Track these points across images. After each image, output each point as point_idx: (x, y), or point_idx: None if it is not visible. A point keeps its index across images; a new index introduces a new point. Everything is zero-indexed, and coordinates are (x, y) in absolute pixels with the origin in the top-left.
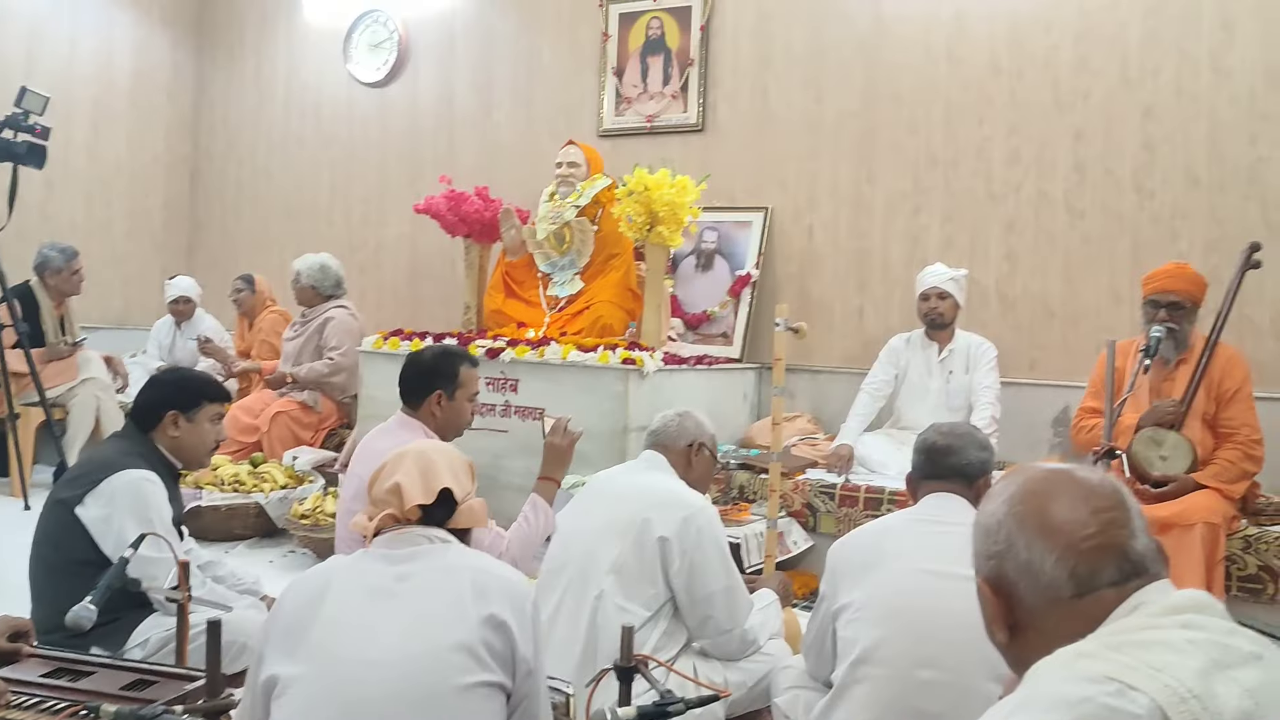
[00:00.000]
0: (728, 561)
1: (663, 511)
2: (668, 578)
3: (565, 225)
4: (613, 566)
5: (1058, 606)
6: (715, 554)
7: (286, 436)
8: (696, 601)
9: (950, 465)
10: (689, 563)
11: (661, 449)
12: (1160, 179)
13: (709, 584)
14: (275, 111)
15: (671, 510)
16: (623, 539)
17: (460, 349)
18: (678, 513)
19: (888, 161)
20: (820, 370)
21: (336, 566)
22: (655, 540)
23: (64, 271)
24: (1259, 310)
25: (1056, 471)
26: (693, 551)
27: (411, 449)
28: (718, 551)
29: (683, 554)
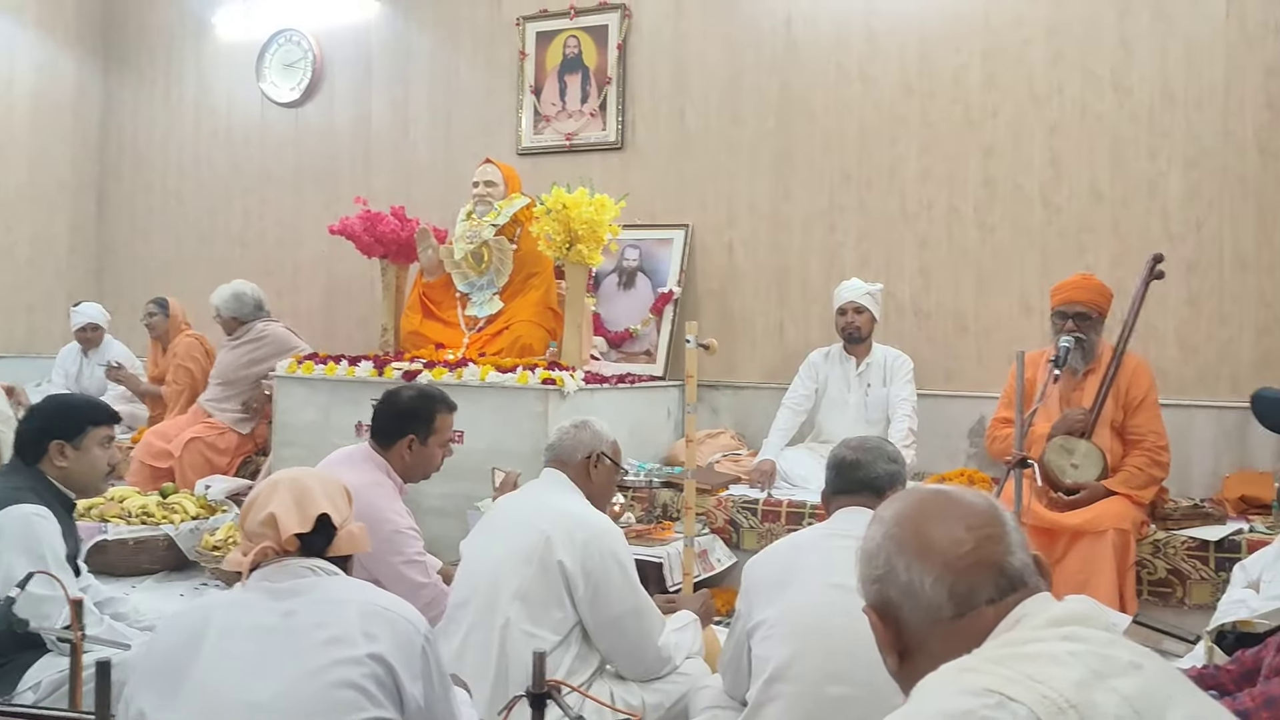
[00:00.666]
0: (633, 582)
1: (564, 534)
2: (573, 601)
3: (483, 244)
4: (517, 593)
5: (940, 627)
6: (619, 575)
7: (200, 464)
8: (604, 624)
9: (858, 479)
10: (593, 586)
11: (560, 465)
12: (1066, 194)
13: (615, 606)
14: (185, 133)
15: (573, 533)
16: (526, 565)
17: (440, 392)
18: (579, 535)
19: (804, 180)
20: (743, 386)
21: (216, 603)
22: (556, 564)
23: None
24: (1163, 320)
25: (933, 493)
26: (596, 574)
27: (284, 476)
28: (622, 573)
29: (586, 577)
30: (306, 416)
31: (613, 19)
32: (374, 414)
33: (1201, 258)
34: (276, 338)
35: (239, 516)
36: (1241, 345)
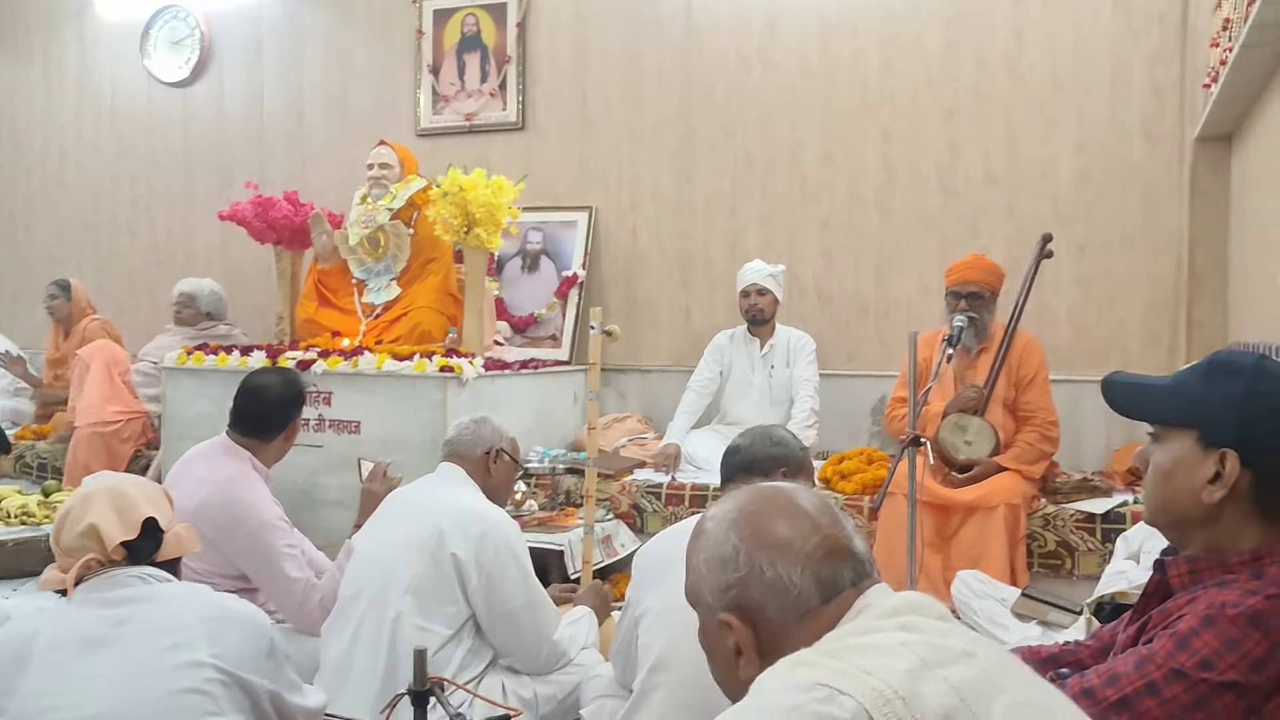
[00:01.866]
0: (528, 576)
1: (458, 528)
2: (466, 595)
3: (379, 229)
4: (409, 587)
5: (807, 618)
6: (514, 570)
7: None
8: (497, 619)
9: (738, 463)
10: (486, 579)
11: (458, 459)
12: (963, 178)
13: (509, 601)
14: (67, 115)
15: (467, 526)
16: (419, 557)
17: (301, 382)
18: (474, 529)
19: (706, 163)
20: (649, 370)
21: (42, 622)
22: (450, 557)
23: None
24: (1055, 299)
25: (765, 490)
26: (490, 568)
27: (97, 486)
28: (517, 567)
29: (480, 570)
30: (198, 409)
31: None
32: (244, 405)
33: (1092, 239)
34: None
35: (53, 533)
36: (1130, 324)
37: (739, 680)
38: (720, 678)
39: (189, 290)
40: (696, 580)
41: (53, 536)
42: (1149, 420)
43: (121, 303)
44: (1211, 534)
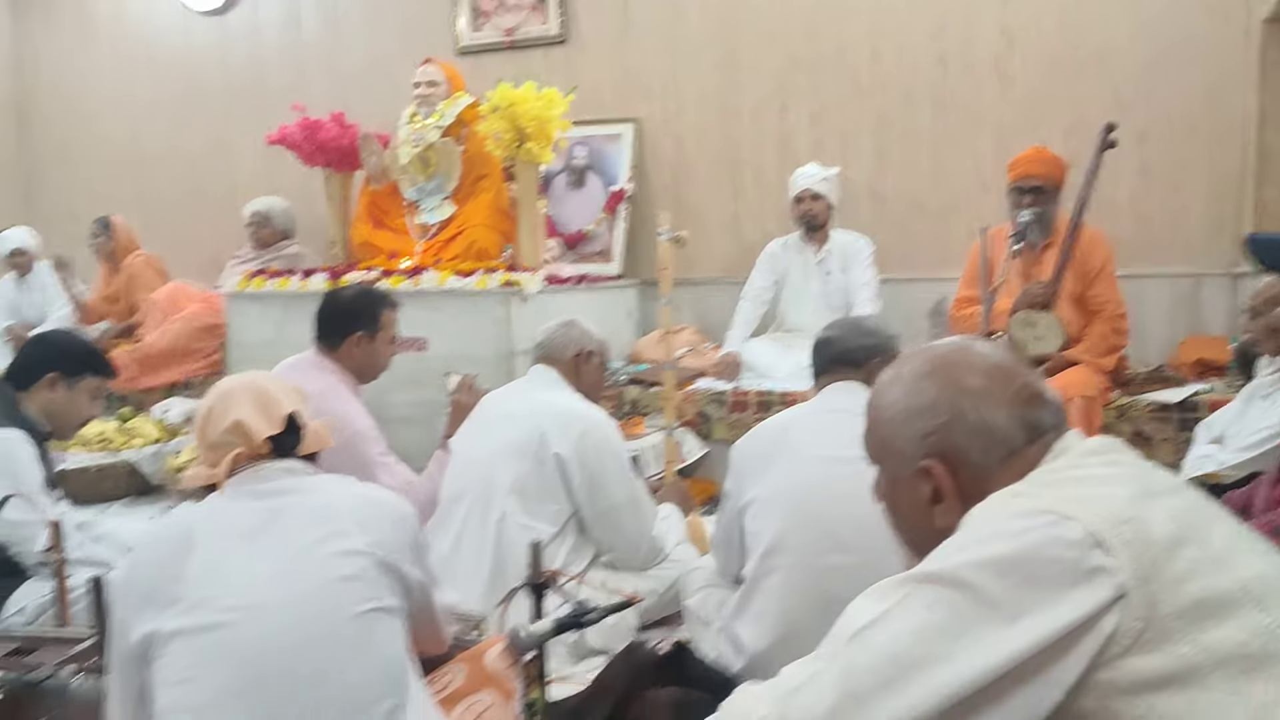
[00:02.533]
0: (628, 473)
1: (559, 428)
2: (570, 492)
3: (429, 147)
4: (513, 487)
5: (1011, 459)
6: (615, 466)
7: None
8: (600, 514)
9: (833, 355)
10: (589, 477)
11: (549, 362)
12: (1019, 67)
13: (611, 496)
14: (102, 51)
15: (568, 426)
16: (522, 459)
17: (379, 290)
18: (575, 427)
19: (752, 66)
20: (701, 281)
21: (197, 514)
22: (553, 457)
23: None
24: (1117, 190)
25: (953, 344)
26: (592, 465)
27: (233, 385)
28: (617, 464)
29: (582, 468)
30: (261, 334)
31: None
32: (317, 317)
33: (1153, 126)
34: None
35: (196, 430)
36: (1192, 213)
37: (934, 528)
38: (907, 530)
39: (263, 209)
40: (887, 433)
41: (197, 433)
42: None
43: (167, 235)
44: None
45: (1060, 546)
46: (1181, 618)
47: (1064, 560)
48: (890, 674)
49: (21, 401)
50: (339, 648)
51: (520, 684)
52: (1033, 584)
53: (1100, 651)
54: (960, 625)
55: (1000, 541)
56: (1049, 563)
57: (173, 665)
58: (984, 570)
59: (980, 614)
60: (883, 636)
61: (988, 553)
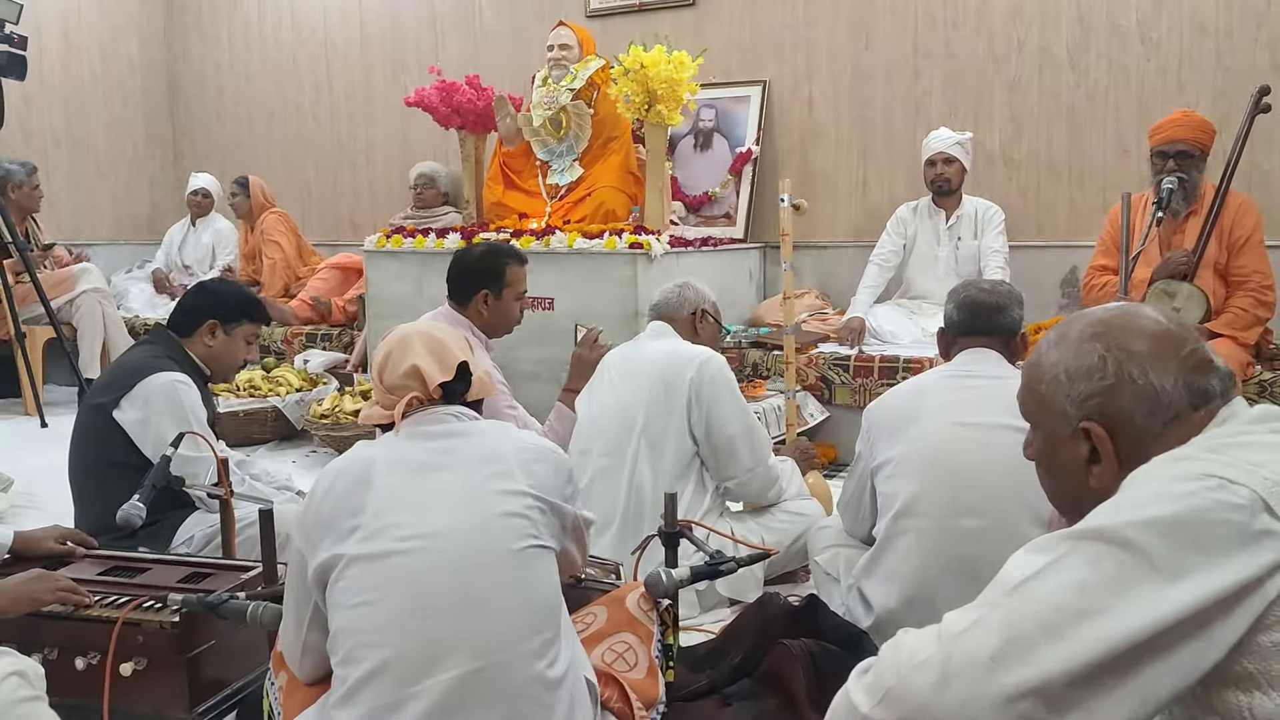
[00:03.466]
0: (742, 404)
1: (680, 362)
2: (690, 425)
3: (561, 110)
4: (643, 429)
5: (1175, 423)
6: (730, 397)
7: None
8: (717, 446)
9: (997, 322)
10: (706, 407)
11: (667, 319)
12: (1166, 28)
13: (727, 426)
14: (250, 9)
15: (687, 359)
16: (649, 397)
17: (509, 246)
18: (694, 359)
19: (885, 25)
20: (826, 246)
21: (375, 451)
22: (685, 384)
23: (25, 186)
24: (1269, 157)
25: (1121, 307)
26: (708, 395)
27: (409, 332)
28: (732, 394)
29: (700, 397)
30: (398, 289)
31: None
32: (448, 274)
33: None
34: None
35: (374, 373)
36: None
37: (1090, 489)
38: (1062, 489)
39: (428, 172)
40: (1049, 392)
41: (374, 375)
42: None
43: (309, 189)
44: None
45: (1226, 510)
46: None
47: (1230, 523)
48: (1053, 622)
49: (185, 346)
50: (503, 578)
51: (658, 628)
52: (1197, 546)
53: (1264, 614)
54: (1123, 581)
55: (1165, 503)
56: (1214, 524)
57: (350, 589)
58: (1148, 529)
59: (1143, 572)
60: (1046, 588)
61: (1152, 513)
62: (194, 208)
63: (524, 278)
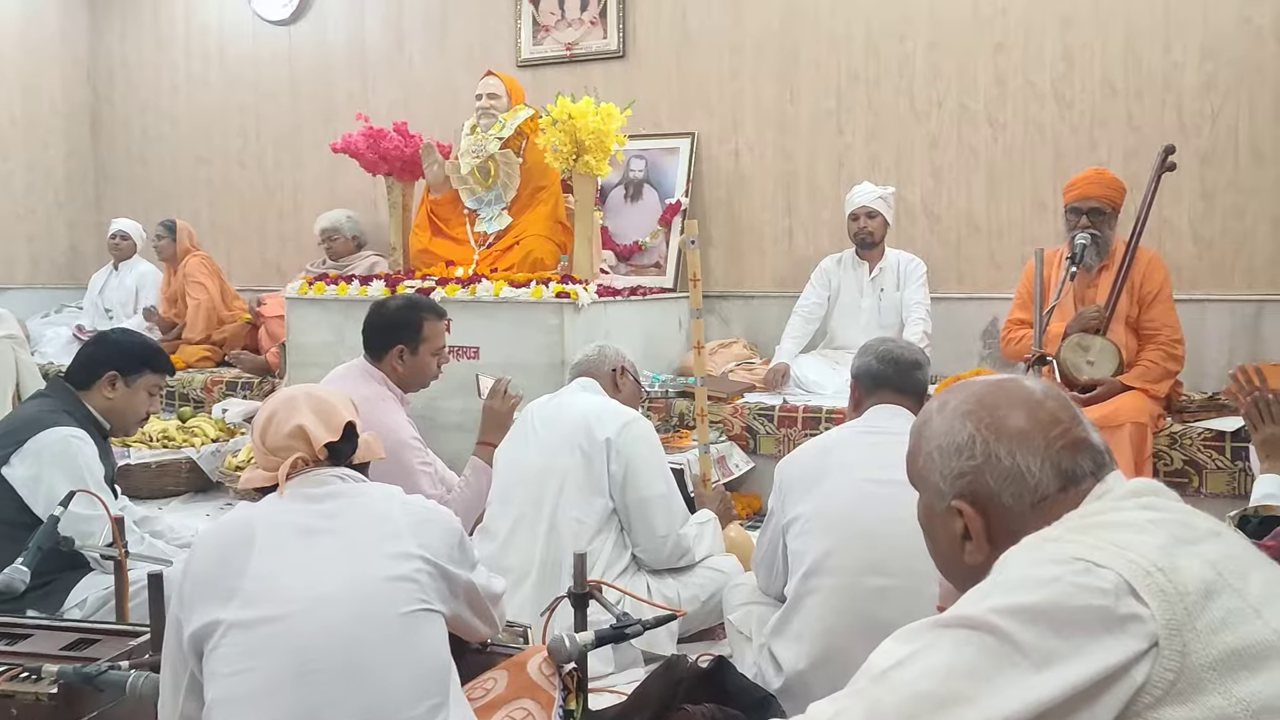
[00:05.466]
0: (664, 470)
1: (605, 418)
2: (609, 481)
3: (489, 158)
4: (563, 483)
5: (1043, 504)
6: (652, 459)
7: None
8: (632, 505)
9: (915, 379)
10: (626, 463)
11: (590, 375)
12: (1079, 88)
13: (645, 488)
14: (176, 54)
15: (613, 415)
16: (572, 451)
17: (427, 300)
18: (620, 417)
19: (810, 81)
20: (753, 295)
21: (256, 513)
22: (600, 442)
23: None
24: (1177, 214)
25: (998, 381)
26: (631, 452)
27: (294, 392)
28: (654, 457)
29: (621, 455)
30: (320, 337)
31: None
32: (363, 327)
33: (1216, 150)
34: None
35: (255, 434)
36: (1256, 238)
37: (965, 565)
38: (942, 561)
39: (329, 225)
40: (925, 465)
41: (257, 437)
42: None
43: (234, 233)
44: None
45: (1091, 595)
46: (1215, 668)
47: (1095, 609)
48: (915, 711)
49: (82, 399)
50: (388, 643)
51: (559, 693)
52: (1063, 632)
53: (1130, 701)
54: (988, 669)
55: (1031, 588)
56: (1079, 610)
57: (227, 656)
58: (1014, 617)
59: (1009, 659)
60: (909, 675)
61: (1018, 600)
62: (114, 251)
63: (442, 332)
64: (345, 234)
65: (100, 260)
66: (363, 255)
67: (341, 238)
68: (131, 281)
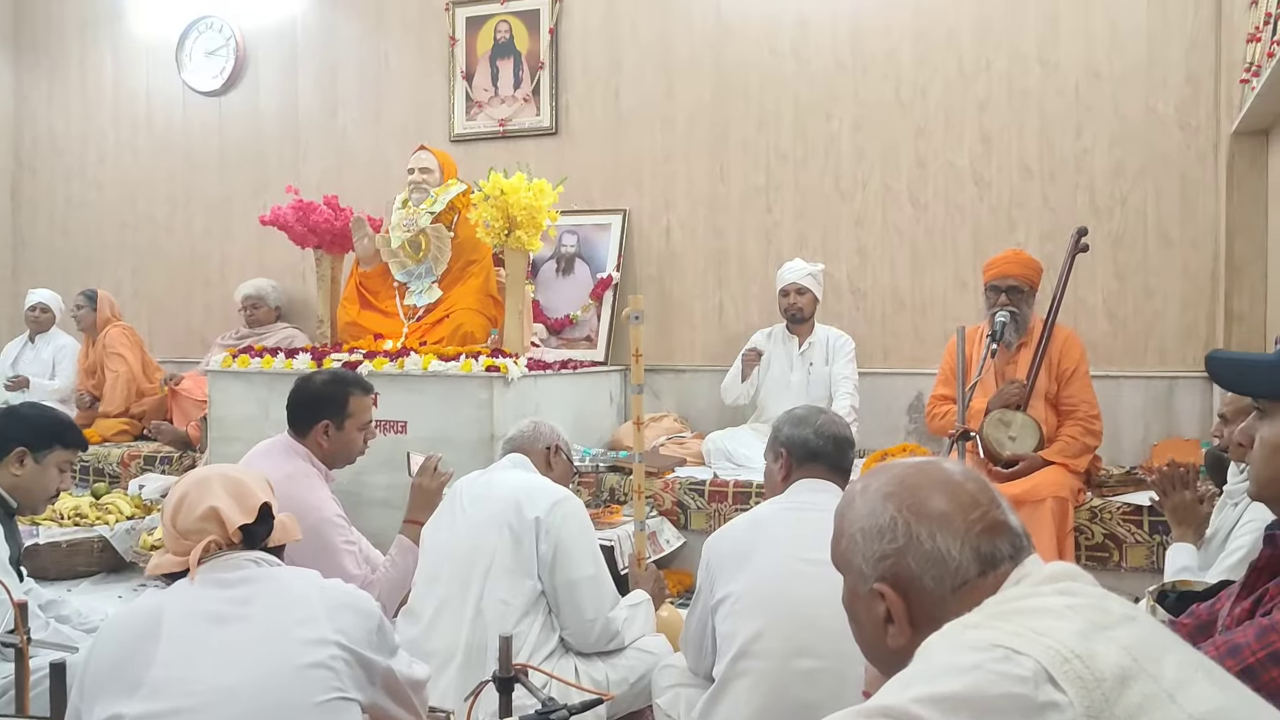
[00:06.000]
0: (594, 552)
1: (534, 496)
2: (538, 562)
3: (421, 232)
4: (491, 563)
5: (964, 589)
6: (582, 541)
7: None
8: (560, 587)
9: (849, 458)
10: (554, 545)
11: (522, 452)
12: (996, 170)
13: (574, 570)
14: (104, 122)
15: (543, 495)
16: (500, 531)
17: (353, 375)
18: (550, 496)
19: (739, 160)
20: (684, 369)
21: (165, 599)
22: (529, 521)
23: None
24: (1092, 293)
25: (920, 464)
26: (560, 533)
27: (208, 473)
28: (584, 539)
29: (550, 535)
30: (243, 410)
31: (544, 3)
32: (288, 402)
33: (1127, 232)
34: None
35: (166, 517)
36: (1167, 317)
37: (888, 649)
38: (866, 644)
39: (253, 292)
40: (849, 547)
41: (168, 520)
42: (1255, 395)
43: (158, 303)
44: None
45: (1011, 682)
46: None
47: (1014, 696)
48: None
49: None
50: None
51: None
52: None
53: None
54: None
55: (952, 676)
56: (999, 699)
57: None
58: (934, 706)
59: None
60: None
61: (939, 689)
62: (32, 324)
63: (368, 407)
64: (269, 303)
65: (14, 329)
66: (279, 326)
67: (265, 306)
68: (49, 354)
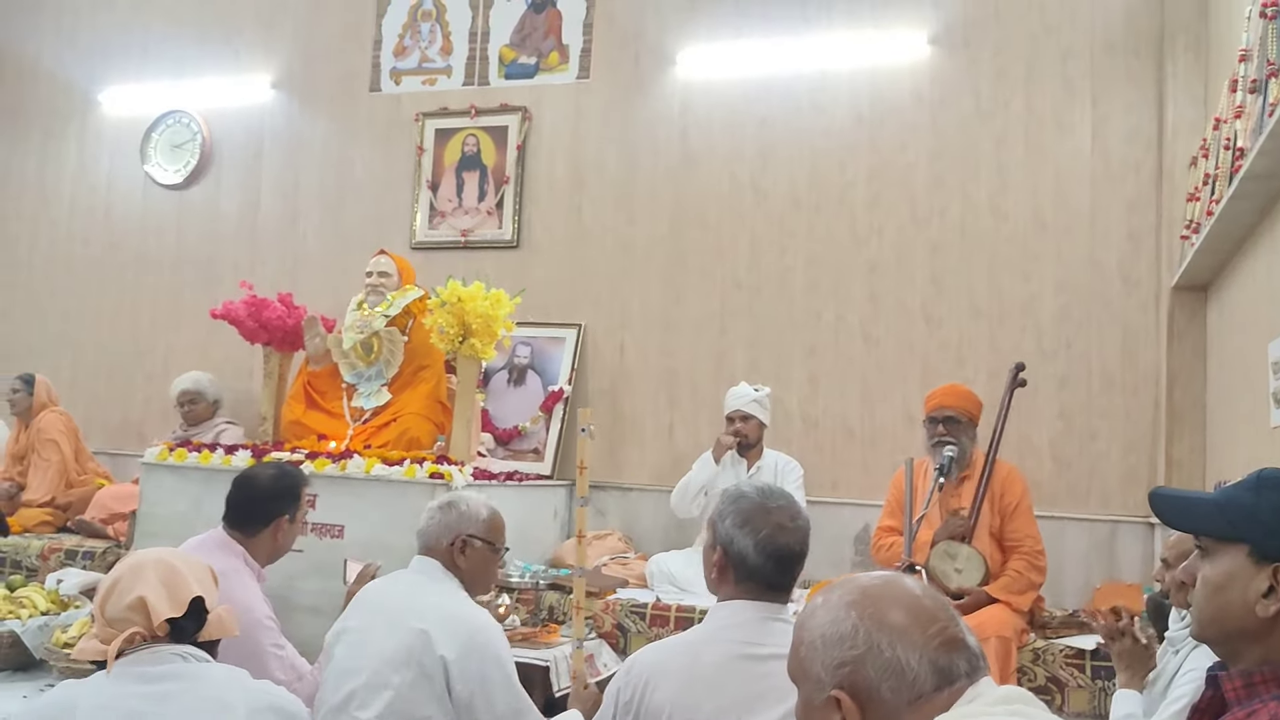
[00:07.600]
0: (513, 684)
1: (443, 630)
2: (451, 699)
3: (374, 335)
4: (395, 696)
5: (919, 702)
6: (501, 676)
7: None
8: None
9: (792, 576)
10: (473, 686)
11: (428, 552)
12: (947, 309)
13: (494, 707)
14: (60, 211)
15: (452, 628)
16: (405, 666)
17: (293, 466)
18: (461, 630)
19: (695, 284)
20: (631, 488)
21: (80, 692)
22: (437, 659)
23: None
24: (1037, 432)
25: (884, 578)
26: (477, 674)
27: (147, 557)
28: (503, 673)
29: (464, 676)
30: (176, 507)
31: (513, 120)
32: (231, 499)
33: (1072, 375)
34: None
35: (96, 601)
36: (1110, 460)
37: None
38: None
39: (190, 386)
40: (808, 655)
41: (97, 604)
42: (1198, 533)
43: (96, 394)
44: (1265, 648)
45: None
46: None
47: None
48: None
49: None
50: None
51: None
52: None
53: None
54: None
55: None
56: None
57: None
58: None
59: None
60: None
61: None
62: None
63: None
64: (207, 397)
65: None
66: (215, 422)
67: (203, 400)
68: None
